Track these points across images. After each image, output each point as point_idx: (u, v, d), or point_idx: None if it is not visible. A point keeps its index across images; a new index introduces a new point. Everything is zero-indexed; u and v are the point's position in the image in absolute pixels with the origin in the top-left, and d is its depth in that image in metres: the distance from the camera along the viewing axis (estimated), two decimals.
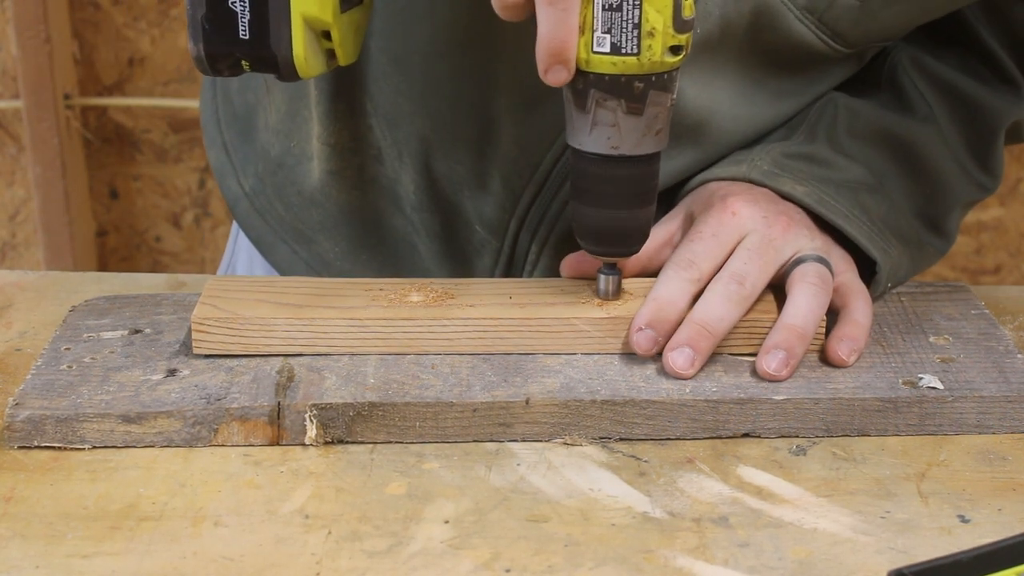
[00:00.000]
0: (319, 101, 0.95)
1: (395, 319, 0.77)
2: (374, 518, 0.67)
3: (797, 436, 0.74)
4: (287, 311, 0.77)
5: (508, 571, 0.63)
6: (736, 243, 0.79)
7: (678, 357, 0.75)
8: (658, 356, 0.77)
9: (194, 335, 0.77)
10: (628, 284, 0.81)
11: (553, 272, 0.94)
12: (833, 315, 0.80)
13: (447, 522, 0.67)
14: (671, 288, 0.77)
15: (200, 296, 0.79)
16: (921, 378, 0.76)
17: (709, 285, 0.78)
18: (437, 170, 0.93)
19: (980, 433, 0.75)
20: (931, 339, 0.80)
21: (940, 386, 0.75)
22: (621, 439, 0.74)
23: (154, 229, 2.19)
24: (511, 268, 0.95)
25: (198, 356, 0.77)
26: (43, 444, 0.72)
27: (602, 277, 0.79)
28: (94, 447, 0.72)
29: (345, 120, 0.95)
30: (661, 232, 0.83)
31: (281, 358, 0.77)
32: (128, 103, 2.10)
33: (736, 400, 0.74)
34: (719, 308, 0.76)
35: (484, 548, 0.65)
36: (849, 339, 0.78)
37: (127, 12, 2.06)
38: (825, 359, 0.77)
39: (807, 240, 0.81)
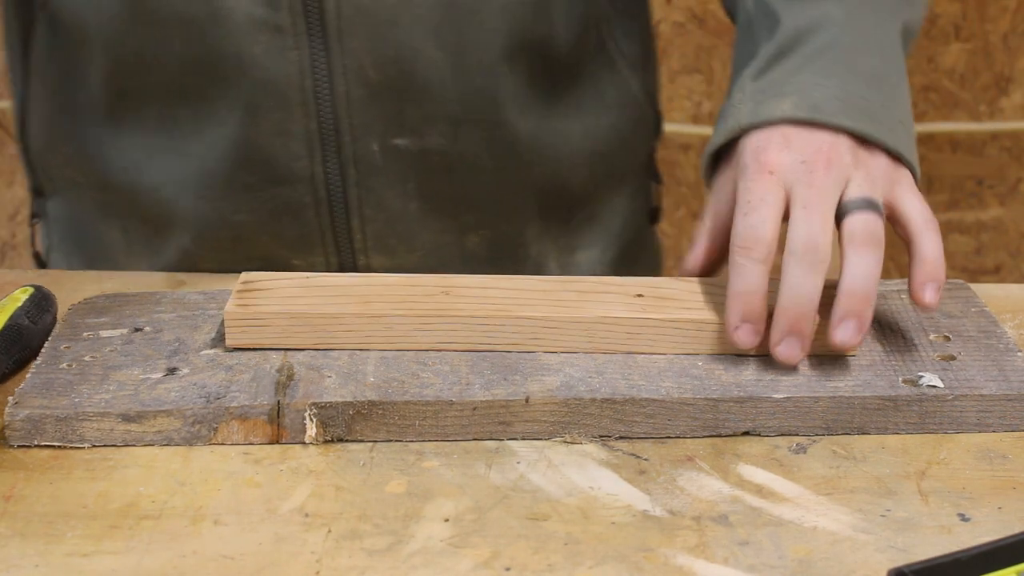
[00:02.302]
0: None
1: (421, 316, 0.78)
2: (374, 516, 0.67)
3: (797, 434, 0.74)
4: (316, 307, 0.78)
5: (508, 570, 0.63)
6: (785, 200, 0.78)
7: (786, 349, 0.76)
8: (658, 355, 0.77)
9: (227, 330, 0.77)
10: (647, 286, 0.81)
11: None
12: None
13: (447, 520, 0.66)
14: (745, 277, 0.77)
15: (233, 291, 0.80)
16: (921, 376, 0.76)
17: (786, 263, 0.77)
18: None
19: (980, 431, 0.75)
20: (931, 337, 0.80)
21: (940, 384, 0.75)
22: (621, 437, 0.74)
23: None
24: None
25: (197, 355, 0.77)
26: (43, 443, 0.72)
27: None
28: (94, 446, 0.72)
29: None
30: (719, 211, 0.83)
31: (281, 357, 0.77)
32: None
33: (736, 399, 0.74)
34: (806, 285, 0.76)
35: (484, 547, 0.65)
36: (931, 280, 0.77)
37: None
38: (915, 303, 0.78)
39: (849, 167, 0.79)
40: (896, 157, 0.81)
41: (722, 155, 0.85)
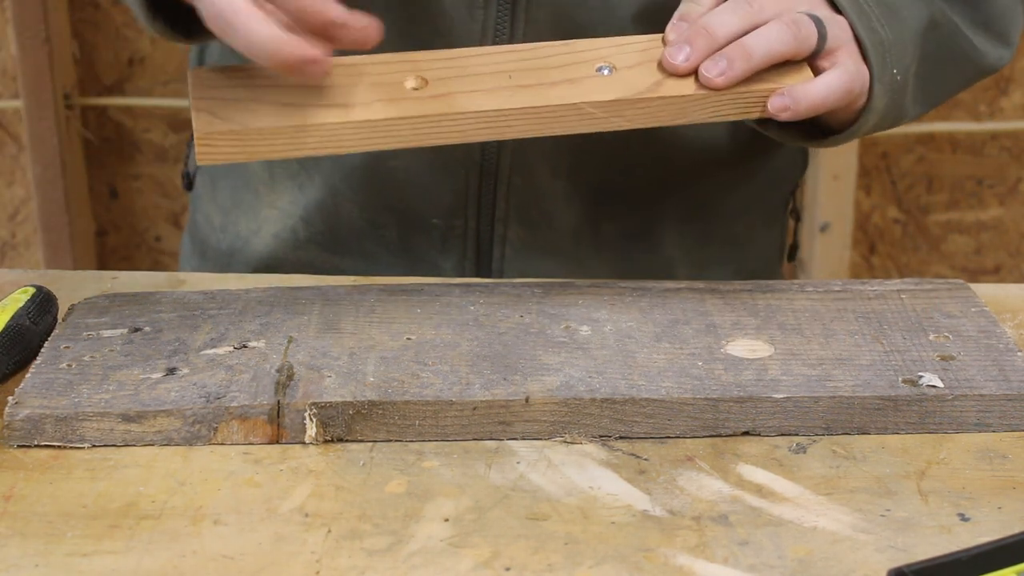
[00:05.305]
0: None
1: (404, 117, 0.77)
2: (374, 516, 0.67)
3: (797, 434, 0.74)
4: (293, 116, 0.76)
5: (508, 569, 0.63)
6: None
7: (712, 66, 0.78)
8: (657, 357, 0.77)
9: (198, 149, 0.74)
10: (644, 49, 0.82)
11: (525, 253, 0.99)
12: None
13: (447, 520, 0.66)
14: (724, 17, 0.79)
15: (191, 102, 0.76)
16: (921, 376, 0.76)
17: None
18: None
19: (980, 431, 0.75)
20: (931, 337, 0.80)
21: (940, 384, 0.75)
22: (621, 437, 0.74)
23: (154, 229, 2.19)
24: (480, 253, 0.97)
25: (197, 355, 0.77)
26: (42, 443, 0.72)
27: None
28: (94, 446, 0.72)
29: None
30: None
31: (280, 356, 0.77)
32: (128, 103, 2.10)
33: (736, 398, 0.74)
34: (725, 16, 0.78)
35: (484, 546, 0.65)
36: (786, 95, 0.80)
37: (127, 12, 2.05)
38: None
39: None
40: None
41: None
